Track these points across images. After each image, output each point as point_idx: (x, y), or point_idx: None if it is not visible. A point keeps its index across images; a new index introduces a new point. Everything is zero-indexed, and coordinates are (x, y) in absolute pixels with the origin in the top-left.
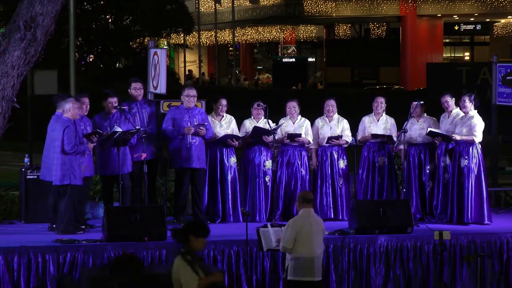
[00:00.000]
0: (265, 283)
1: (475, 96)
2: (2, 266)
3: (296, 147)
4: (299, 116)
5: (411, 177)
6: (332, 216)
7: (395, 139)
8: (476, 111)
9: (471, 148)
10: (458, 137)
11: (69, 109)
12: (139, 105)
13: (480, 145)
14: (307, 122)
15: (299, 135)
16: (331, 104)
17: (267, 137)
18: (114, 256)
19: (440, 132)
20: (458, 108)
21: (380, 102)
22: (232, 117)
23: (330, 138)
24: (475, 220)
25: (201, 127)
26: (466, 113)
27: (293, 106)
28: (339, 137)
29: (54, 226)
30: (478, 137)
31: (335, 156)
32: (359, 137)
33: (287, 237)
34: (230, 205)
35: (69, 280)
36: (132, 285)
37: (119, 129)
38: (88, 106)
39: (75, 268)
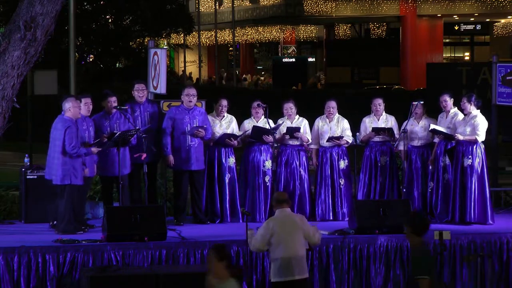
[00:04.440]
0: (265, 283)
1: (476, 96)
2: (2, 266)
3: (295, 147)
4: (297, 116)
5: (412, 178)
6: (331, 218)
7: (396, 135)
8: (479, 110)
9: (474, 147)
10: (461, 137)
11: (69, 108)
12: (142, 106)
13: (483, 145)
14: (305, 122)
15: (298, 129)
16: (332, 106)
17: (267, 136)
18: None
19: (443, 130)
20: (456, 108)
21: (378, 104)
22: (233, 117)
23: (331, 138)
24: (479, 220)
25: (199, 129)
26: (467, 113)
27: (289, 107)
28: (340, 138)
29: (55, 223)
30: (481, 136)
31: (336, 156)
32: (360, 137)
33: (258, 238)
34: (227, 205)
35: (69, 280)
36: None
37: (116, 132)
38: (91, 107)
39: (75, 268)
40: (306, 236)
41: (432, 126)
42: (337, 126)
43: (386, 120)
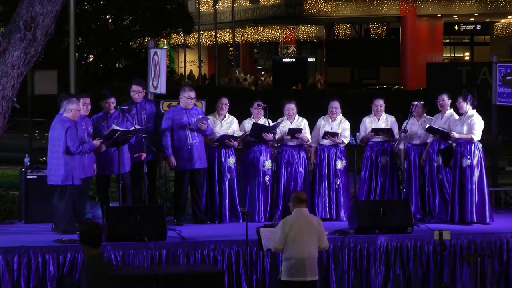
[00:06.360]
0: (265, 283)
1: (471, 96)
2: (2, 266)
3: (295, 147)
4: (297, 116)
5: (411, 177)
6: (328, 216)
7: (396, 136)
8: (475, 110)
9: (472, 147)
10: (456, 135)
11: (71, 109)
12: (139, 106)
13: (481, 144)
14: (305, 122)
15: (300, 130)
16: (335, 106)
17: (267, 134)
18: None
19: (440, 128)
20: (452, 110)
21: (380, 106)
22: (234, 118)
23: (326, 133)
24: (478, 219)
25: (203, 122)
26: (463, 113)
27: (291, 108)
28: (335, 134)
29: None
30: (477, 136)
31: (333, 156)
32: (360, 137)
33: (276, 238)
34: (227, 205)
35: (69, 280)
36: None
37: (117, 127)
38: (90, 106)
39: (75, 268)
40: (318, 239)
41: (428, 125)
42: (339, 126)
43: (386, 120)
